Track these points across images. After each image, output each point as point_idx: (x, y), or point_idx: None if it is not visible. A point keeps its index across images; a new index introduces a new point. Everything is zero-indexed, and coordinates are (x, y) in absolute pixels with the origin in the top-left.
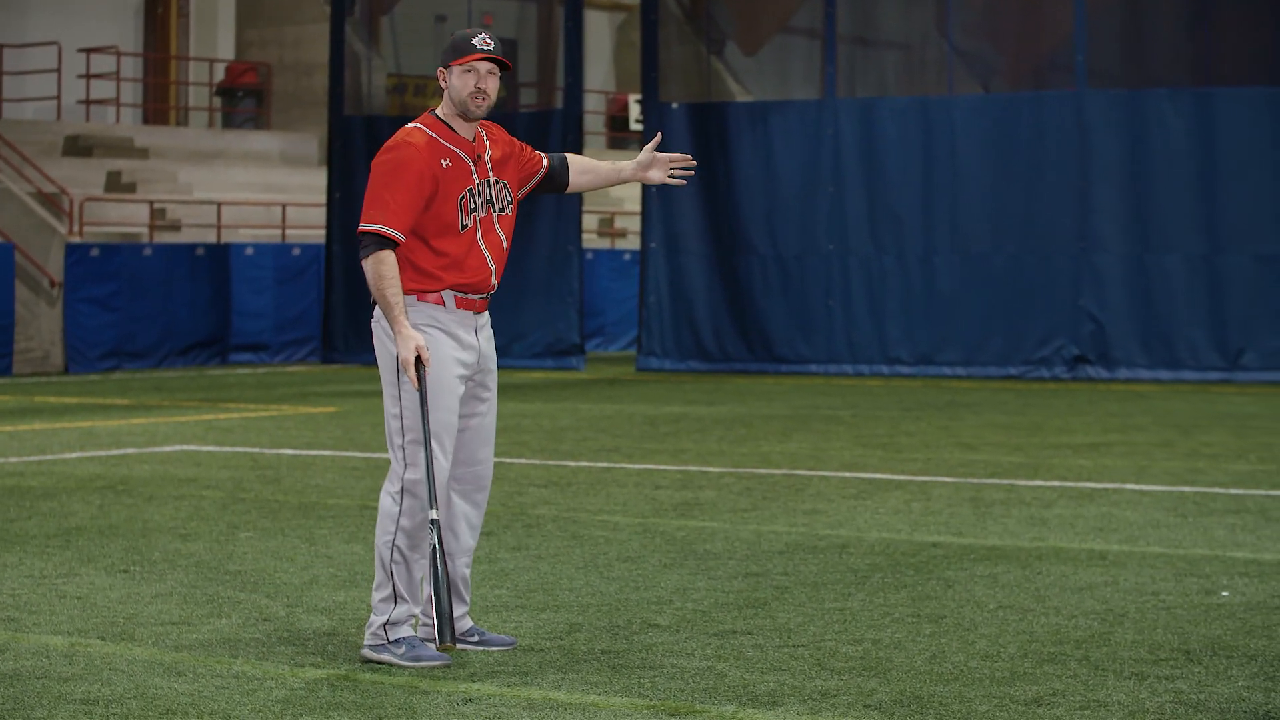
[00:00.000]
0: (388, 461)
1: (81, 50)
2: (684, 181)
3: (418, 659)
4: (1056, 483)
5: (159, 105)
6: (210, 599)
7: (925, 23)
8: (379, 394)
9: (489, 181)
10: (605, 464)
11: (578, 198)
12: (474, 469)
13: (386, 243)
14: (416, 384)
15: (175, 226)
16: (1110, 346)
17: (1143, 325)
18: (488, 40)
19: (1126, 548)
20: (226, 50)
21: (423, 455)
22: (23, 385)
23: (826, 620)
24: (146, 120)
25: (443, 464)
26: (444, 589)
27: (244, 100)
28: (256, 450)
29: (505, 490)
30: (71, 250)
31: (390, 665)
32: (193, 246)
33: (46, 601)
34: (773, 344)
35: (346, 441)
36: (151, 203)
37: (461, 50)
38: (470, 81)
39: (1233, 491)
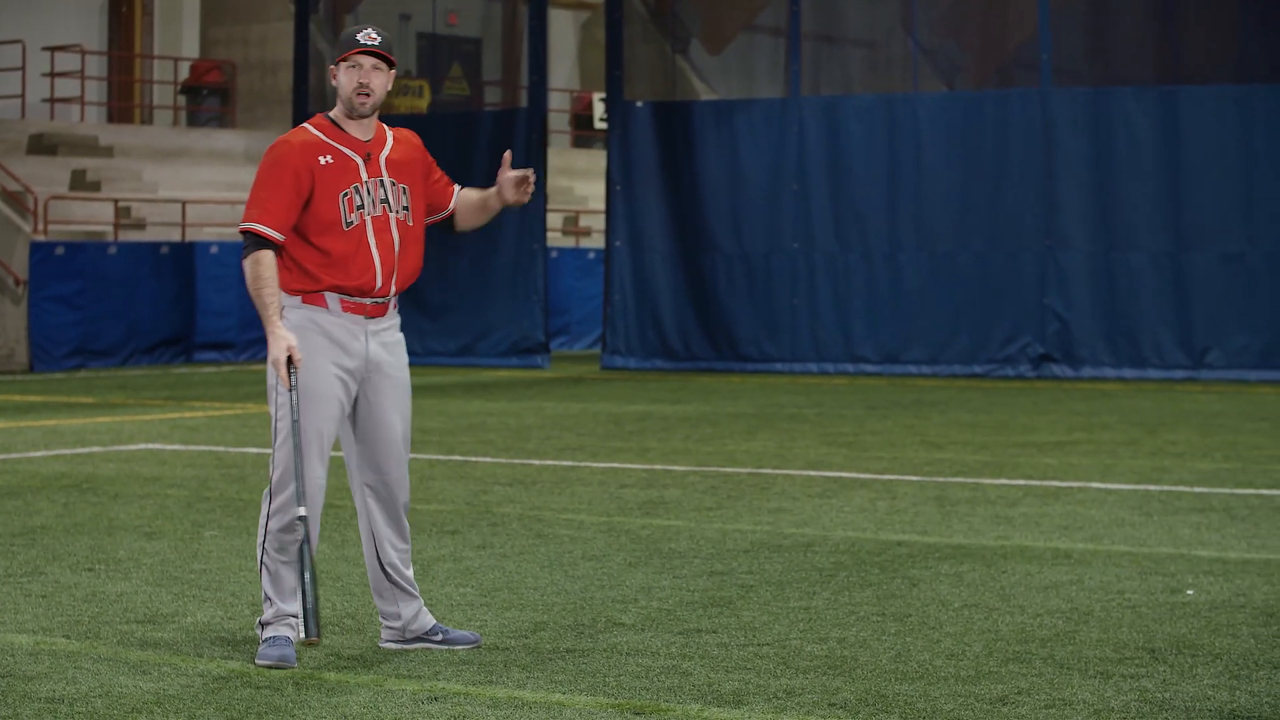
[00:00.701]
0: None
1: (46, 48)
2: (527, 198)
3: (261, 656)
4: (1022, 481)
5: (124, 104)
6: (175, 597)
7: (890, 20)
8: None
9: (381, 181)
10: (570, 462)
11: (543, 196)
12: (381, 478)
13: (264, 243)
14: (288, 384)
15: (140, 225)
16: (1075, 345)
17: (1108, 323)
18: (373, 36)
19: (1091, 546)
20: (191, 48)
21: (292, 458)
22: None
23: (791, 619)
24: (111, 119)
25: (317, 470)
26: (308, 583)
27: (209, 98)
28: (221, 449)
29: (470, 489)
30: (36, 248)
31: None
32: (157, 245)
33: (11, 600)
34: (738, 343)
35: None
36: (116, 201)
37: (346, 46)
38: (354, 77)
39: (1197, 490)
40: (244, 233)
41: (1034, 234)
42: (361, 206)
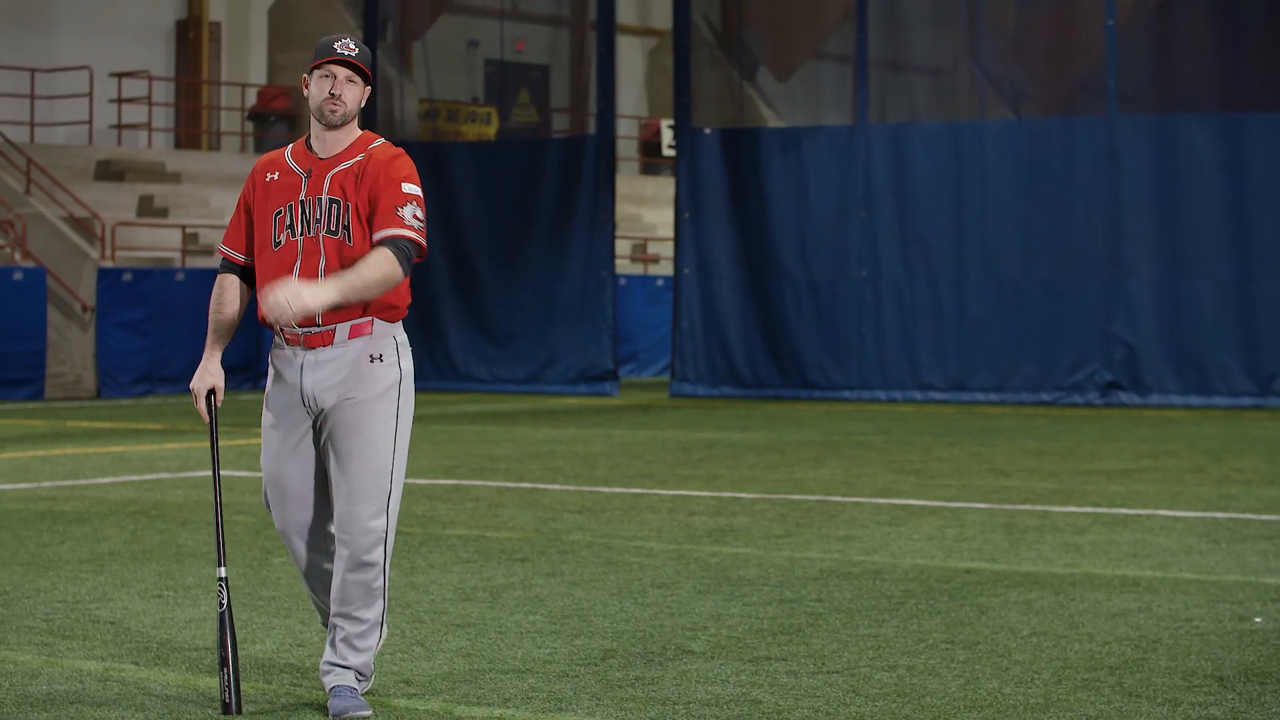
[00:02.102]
0: (422, 487)
1: (113, 74)
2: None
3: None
4: (1089, 509)
5: (191, 130)
6: (243, 625)
7: (956, 48)
8: (413, 419)
9: (318, 200)
10: (639, 490)
11: (611, 223)
12: (334, 512)
13: (227, 263)
14: (205, 417)
15: (207, 251)
16: (1142, 372)
17: (1174, 350)
18: (350, 46)
19: (1160, 574)
20: (258, 75)
21: (217, 507)
22: (55, 410)
23: (860, 647)
24: (178, 145)
25: (278, 515)
26: (223, 655)
27: (276, 125)
28: None
29: (539, 516)
30: (103, 275)
31: None
32: None
33: (80, 626)
34: (805, 369)
35: None
36: (183, 227)
37: (320, 55)
38: (325, 87)
39: (1265, 517)
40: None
41: (1100, 261)
42: (291, 226)
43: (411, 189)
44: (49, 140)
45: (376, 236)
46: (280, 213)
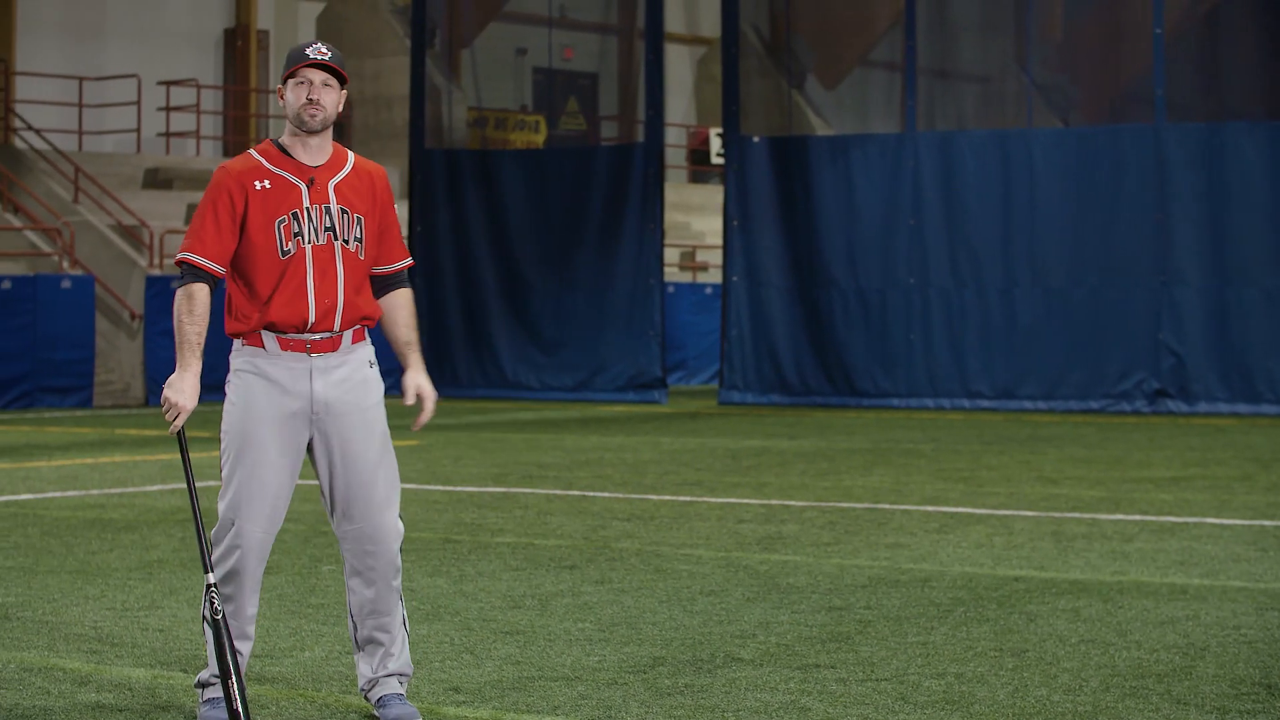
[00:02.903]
0: (471, 495)
1: (161, 83)
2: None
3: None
4: (1138, 516)
5: (239, 138)
6: (293, 632)
7: (1004, 56)
8: (461, 427)
9: (327, 208)
10: (688, 497)
11: (660, 231)
12: (357, 527)
13: (199, 274)
14: (174, 430)
15: None
16: (1190, 380)
17: (1222, 359)
18: (323, 50)
19: (1208, 581)
20: None
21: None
22: (103, 417)
23: (909, 654)
24: (226, 153)
25: (260, 526)
26: (228, 666)
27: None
28: None
29: (588, 524)
30: (152, 283)
31: None
32: None
33: (129, 634)
34: (853, 377)
35: (428, 475)
36: None
37: (294, 61)
38: (303, 93)
39: None
40: (179, 264)
41: (1148, 269)
42: (300, 234)
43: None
44: (97, 149)
45: (396, 267)
46: (284, 221)
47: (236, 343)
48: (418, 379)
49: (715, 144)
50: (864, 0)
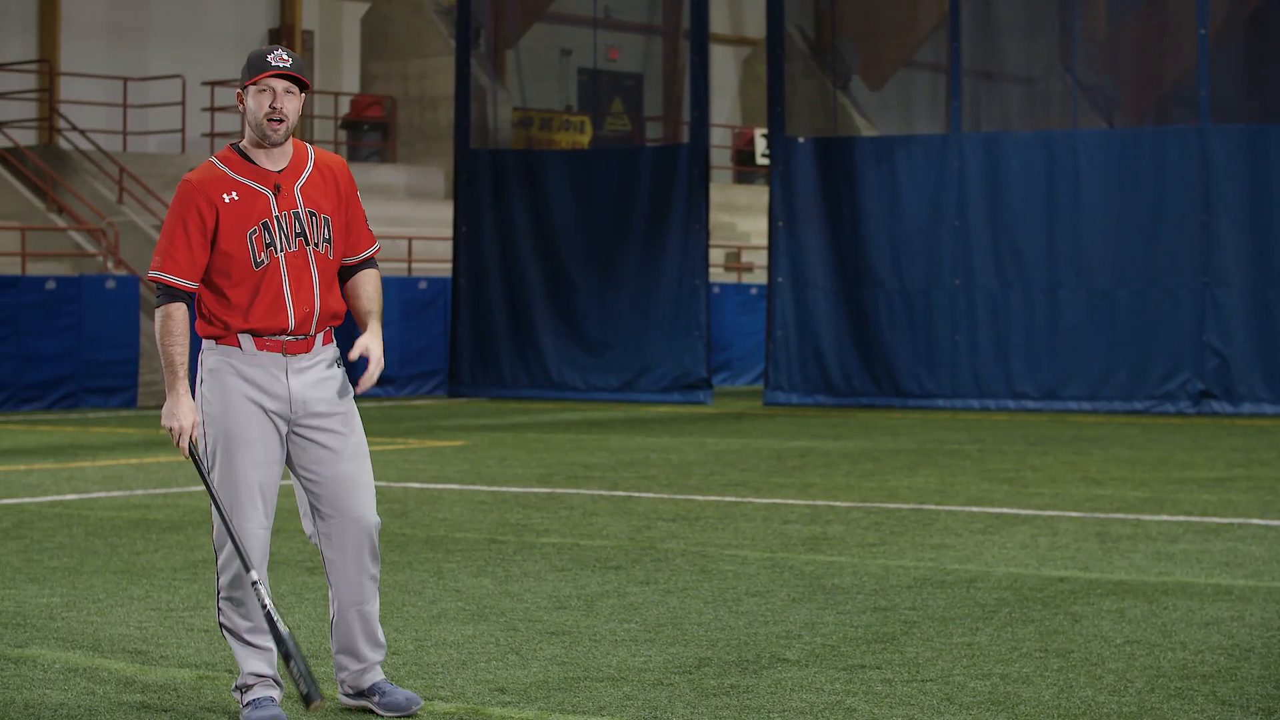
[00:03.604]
0: (517, 496)
1: (206, 83)
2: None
3: None
4: (1182, 517)
5: None
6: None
7: (1049, 57)
8: (507, 427)
9: (296, 213)
10: (733, 498)
11: (705, 232)
12: (337, 522)
13: (176, 293)
14: (186, 454)
15: None
16: (1234, 381)
17: (1266, 359)
18: (284, 57)
19: (1253, 582)
20: (351, 83)
21: (220, 520)
22: (147, 418)
23: (955, 655)
24: None
25: (258, 523)
26: (289, 649)
27: (369, 134)
28: (383, 484)
29: (633, 524)
30: None
31: None
32: None
33: (174, 634)
34: (898, 378)
35: (473, 475)
36: None
37: (255, 68)
38: (265, 101)
39: None
40: (154, 283)
41: (1192, 270)
42: (272, 244)
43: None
44: (141, 149)
45: (363, 255)
46: (255, 232)
47: (208, 342)
48: (369, 340)
49: (760, 144)
50: (909, 1)
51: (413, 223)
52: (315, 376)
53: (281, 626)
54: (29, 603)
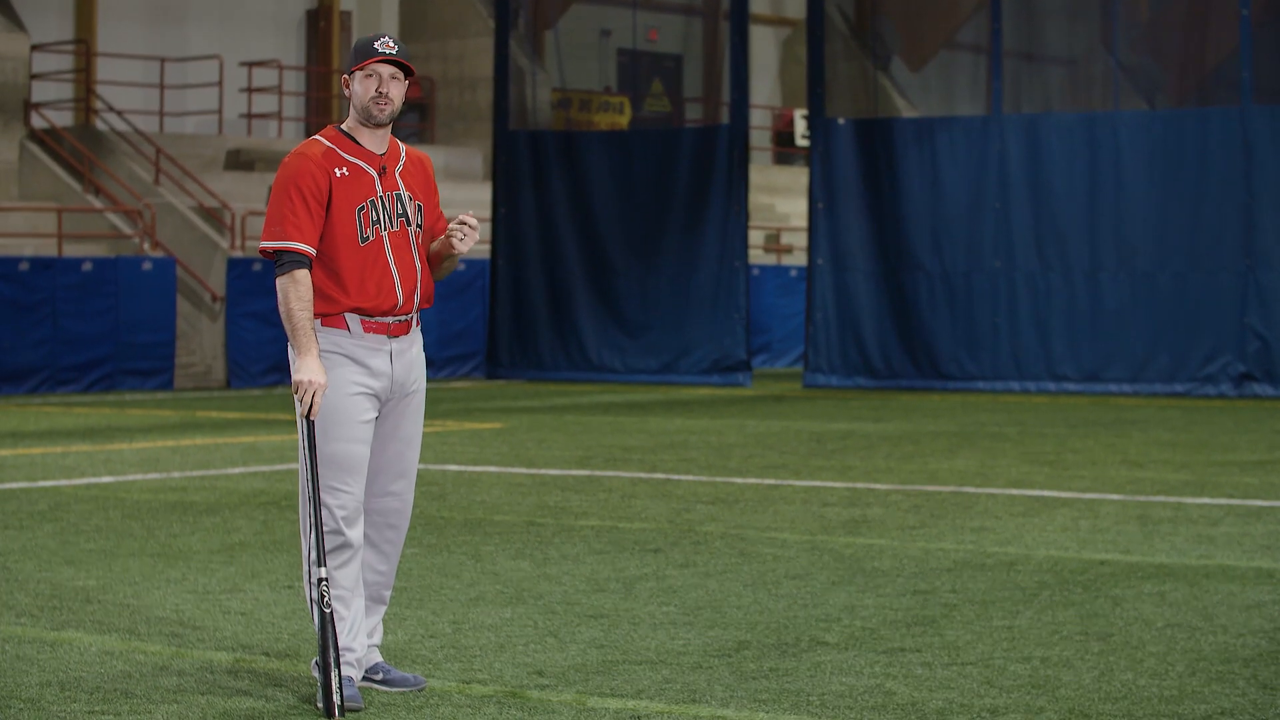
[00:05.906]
0: (555, 478)
1: (244, 64)
2: (463, 246)
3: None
4: (1223, 500)
5: (321, 119)
6: (389, 618)
7: (1090, 38)
8: (545, 410)
9: (398, 195)
10: (772, 481)
11: (745, 213)
12: (382, 501)
13: (300, 259)
14: (306, 410)
15: None
16: (1276, 363)
17: None
18: (390, 44)
19: None
20: None
21: (312, 507)
22: (185, 400)
23: (995, 638)
24: (309, 134)
25: (354, 497)
26: (330, 657)
27: (408, 114)
28: (421, 466)
29: (672, 507)
30: (233, 265)
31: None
32: None
33: (211, 617)
34: (939, 360)
35: (512, 458)
36: None
37: (362, 54)
38: (371, 86)
39: None
40: (275, 252)
41: (1234, 253)
42: (378, 222)
43: None
44: (179, 130)
45: (444, 226)
46: (364, 208)
47: (315, 321)
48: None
49: (800, 126)
50: None
51: (451, 204)
52: (412, 359)
53: (335, 634)
54: (65, 585)
